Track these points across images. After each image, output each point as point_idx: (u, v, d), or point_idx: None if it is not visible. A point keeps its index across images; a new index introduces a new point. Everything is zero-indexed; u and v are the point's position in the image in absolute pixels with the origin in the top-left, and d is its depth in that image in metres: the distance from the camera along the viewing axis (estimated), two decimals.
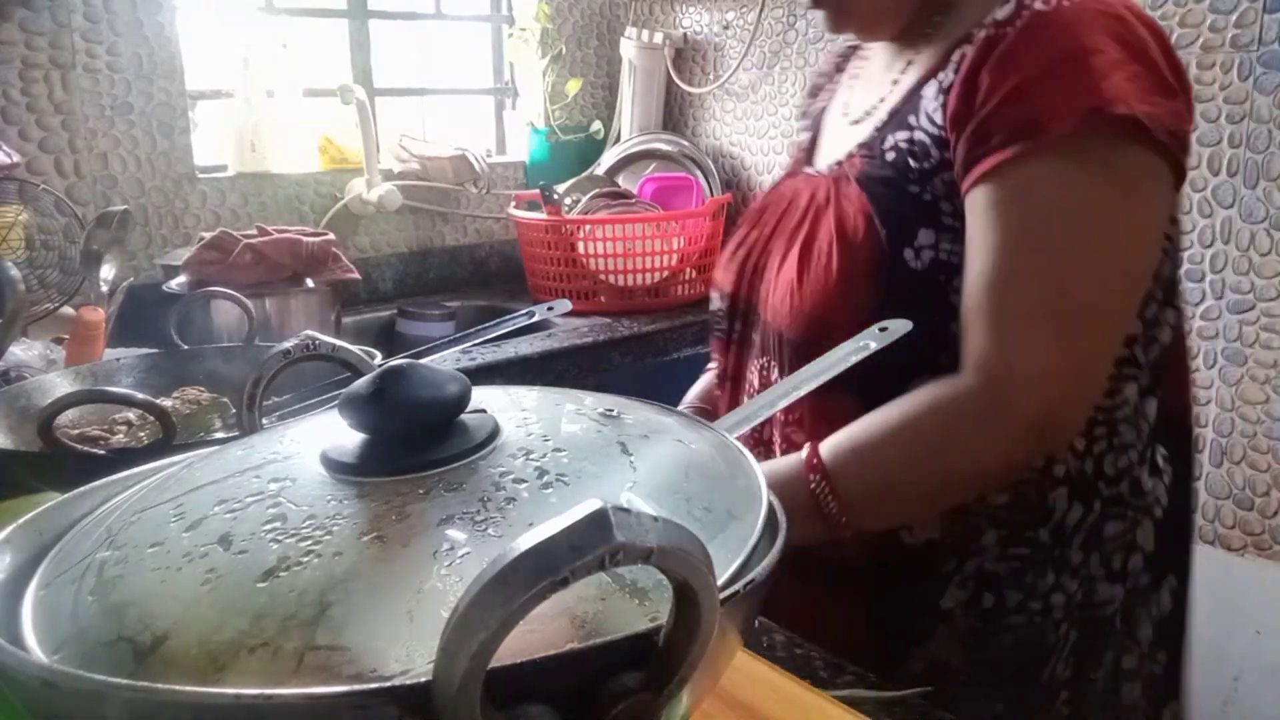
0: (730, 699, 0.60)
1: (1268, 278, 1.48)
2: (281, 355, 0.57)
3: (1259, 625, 1.54)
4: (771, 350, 0.87)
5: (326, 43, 2.15)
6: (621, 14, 2.44)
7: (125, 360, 0.98)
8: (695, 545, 0.27)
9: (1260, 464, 1.53)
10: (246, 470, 0.41)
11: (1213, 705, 1.60)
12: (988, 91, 0.73)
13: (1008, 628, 0.83)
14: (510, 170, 2.35)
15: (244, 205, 1.94)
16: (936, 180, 0.78)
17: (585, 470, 0.39)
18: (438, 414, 0.40)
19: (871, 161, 0.82)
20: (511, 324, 0.93)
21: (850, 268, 0.79)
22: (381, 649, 0.30)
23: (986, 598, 0.83)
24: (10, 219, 1.34)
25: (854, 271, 0.79)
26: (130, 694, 0.28)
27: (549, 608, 0.26)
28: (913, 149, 0.79)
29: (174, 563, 0.35)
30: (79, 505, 0.45)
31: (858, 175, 0.82)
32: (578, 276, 1.93)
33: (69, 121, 1.72)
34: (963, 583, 0.82)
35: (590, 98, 2.45)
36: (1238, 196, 1.50)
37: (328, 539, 0.34)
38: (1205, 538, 1.61)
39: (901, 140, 0.80)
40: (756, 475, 0.43)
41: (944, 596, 0.83)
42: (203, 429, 0.88)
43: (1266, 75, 1.44)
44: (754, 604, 0.36)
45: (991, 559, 0.82)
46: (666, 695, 0.29)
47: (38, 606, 0.36)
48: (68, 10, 1.69)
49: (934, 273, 0.77)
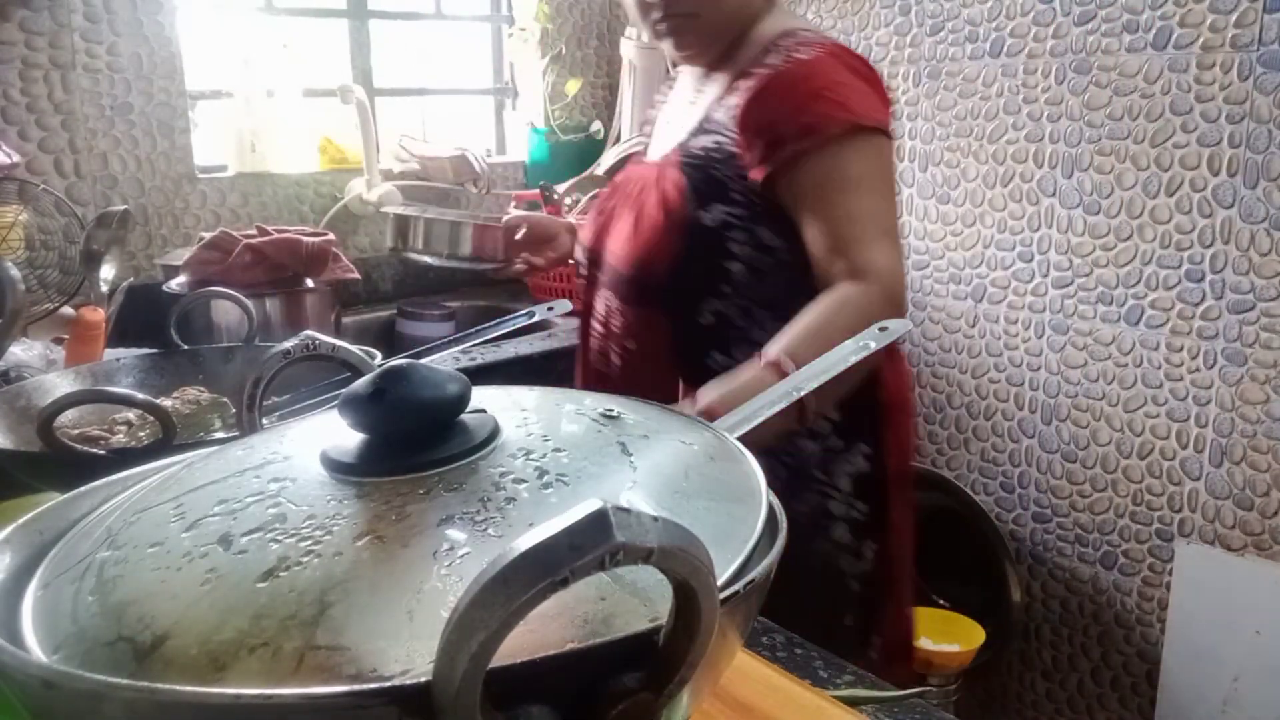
0: (730, 699, 0.60)
1: (1268, 278, 1.48)
2: (281, 355, 0.57)
3: (1259, 625, 1.54)
4: (611, 285, 1.20)
5: (326, 43, 2.14)
6: (621, 14, 2.44)
7: (125, 360, 0.98)
8: (695, 545, 0.27)
9: (1260, 464, 1.53)
10: (246, 470, 0.41)
11: (1213, 705, 1.60)
12: (774, 110, 1.07)
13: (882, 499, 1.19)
14: (510, 170, 2.35)
15: (244, 205, 1.94)
16: (728, 166, 1.11)
17: (585, 470, 0.39)
18: (438, 414, 0.40)
19: (686, 155, 1.15)
20: (511, 324, 0.93)
21: (666, 224, 1.13)
22: (381, 649, 0.30)
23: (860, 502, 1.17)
24: (10, 219, 1.34)
25: (668, 226, 1.13)
26: (130, 694, 0.28)
27: (549, 608, 0.26)
28: (714, 147, 1.12)
29: (174, 563, 0.35)
30: (79, 505, 0.45)
31: (678, 163, 1.15)
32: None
33: (69, 121, 1.72)
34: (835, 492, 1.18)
35: (590, 98, 2.45)
36: (1238, 196, 1.50)
37: (328, 539, 0.34)
38: (1205, 538, 1.61)
39: (708, 142, 1.13)
40: (757, 475, 0.43)
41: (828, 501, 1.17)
42: (203, 429, 0.88)
43: (1266, 75, 1.44)
44: (754, 604, 0.36)
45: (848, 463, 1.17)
46: (666, 695, 0.29)
47: (38, 606, 0.36)
48: (68, 10, 1.69)
49: (719, 230, 1.11)
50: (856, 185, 1.07)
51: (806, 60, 1.08)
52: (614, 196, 1.27)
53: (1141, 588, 1.71)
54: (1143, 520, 1.69)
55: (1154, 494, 1.66)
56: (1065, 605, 1.82)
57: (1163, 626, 1.67)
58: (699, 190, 1.12)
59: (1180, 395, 1.60)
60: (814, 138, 1.05)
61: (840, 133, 1.05)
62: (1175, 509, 1.64)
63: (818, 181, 1.07)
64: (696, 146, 1.14)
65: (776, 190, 1.09)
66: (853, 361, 0.63)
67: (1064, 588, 1.82)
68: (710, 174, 1.12)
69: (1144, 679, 1.72)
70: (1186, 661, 1.63)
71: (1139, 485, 1.68)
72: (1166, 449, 1.64)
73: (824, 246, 1.07)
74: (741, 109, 1.09)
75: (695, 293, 1.13)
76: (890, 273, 1.05)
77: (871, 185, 1.08)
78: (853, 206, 1.07)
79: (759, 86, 1.08)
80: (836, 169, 1.06)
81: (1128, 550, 1.71)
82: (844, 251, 1.06)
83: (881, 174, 1.10)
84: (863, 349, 0.63)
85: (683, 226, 1.12)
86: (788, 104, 1.07)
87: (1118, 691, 1.77)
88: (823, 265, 1.07)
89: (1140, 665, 1.73)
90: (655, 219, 1.14)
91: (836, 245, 1.06)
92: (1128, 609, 1.73)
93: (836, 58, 1.10)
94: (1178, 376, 1.60)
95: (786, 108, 1.06)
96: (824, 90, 1.06)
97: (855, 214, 1.06)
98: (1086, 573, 1.78)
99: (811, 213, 1.08)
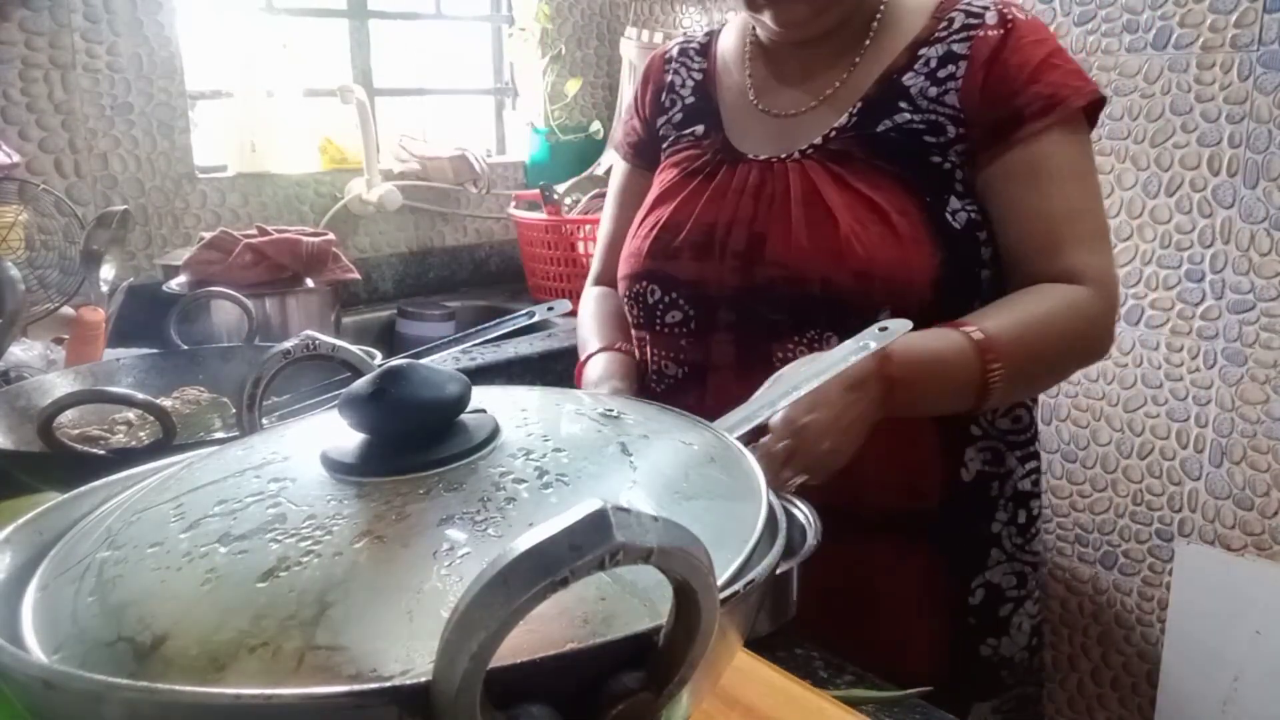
0: (730, 699, 0.60)
1: (1268, 278, 1.48)
2: (281, 355, 0.57)
3: (1259, 625, 1.54)
4: (820, 320, 0.90)
5: (326, 43, 2.14)
6: (621, 14, 2.44)
7: (125, 360, 0.98)
8: (695, 545, 0.27)
9: (1260, 464, 1.53)
10: (246, 470, 0.41)
11: (1213, 705, 1.60)
12: (1011, 77, 0.89)
13: (1037, 534, 1.01)
14: (510, 170, 2.35)
15: (244, 205, 1.94)
16: (952, 151, 0.91)
17: (585, 470, 0.39)
18: (438, 414, 0.40)
19: (875, 140, 0.92)
20: (511, 324, 0.93)
21: (912, 229, 0.89)
22: (381, 649, 0.30)
23: (1020, 514, 0.99)
24: (10, 219, 1.34)
25: (917, 232, 0.89)
26: (130, 694, 0.28)
27: (549, 608, 0.26)
28: (924, 127, 0.92)
29: (174, 563, 0.35)
30: (79, 505, 0.45)
31: (867, 152, 0.92)
32: (578, 276, 1.92)
33: (69, 121, 1.72)
34: (1005, 505, 0.98)
35: (590, 98, 2.45)
36: (1238, 196, 1.50)
37: (328, 539, 0.34)
38: (1205, 538, 1.61)
39: (904, 121, 0.92)
40: (756, 475, 0.43)
41: (993, 521, 0.97)
42: (203, 429, 0.88)
43: (1266, 75, 1.44)
44: (754, 604, 0.36)
45: (1019, 477, 0.99)
46: (666, 695, 0.29)
47: (38, 606, 0.36)
48: (68, 10, 1.69)
49: (971, 230, 0.91)
50: (1080, 173, 0.92)
51: (1026, 21, 0.92)
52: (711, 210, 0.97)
53: (1141, 588, 1.71)
54: (1143, 520, 1.69)
55: (1154, 494, 1.66)
56: (1065, 605, 1.82)
57: (1163, 626, 1.67)
58: (923, 183, 0.91)
59: (1180, 395, 1.60)
60: (1056, 113, 0.89)
61: (1082, 106, 0.90)
62: (1175, 509, 1.64)
63: (1038, 165, 0.90)
64: (886, 129, 0.92)
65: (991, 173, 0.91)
66: (852, 361, 0.63)
67: (1064, 588, 1.82)
68: (931, 159, 0.91)
69: (1144, 679, 1.72)
70: (1186, 661, 1.63)
71: (1139, 485, 1.68)
72: (1166, 449, 1.64)
73: (1036, 245, 0.91)
74: (969, 77, 0.90)
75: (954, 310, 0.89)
76: (1114, 281, 0.92)
77: (1092, 174, 0.93)
78: (1075, 198, 0.91)
79: (987, 50, 0.90)
80: (1062, 151, 0.90)
81: (1128, 550, 1.71)
82: (1061, 251, 0.90)
83: (1093, 163, 0.95)
84: (862, 349, 0.63)
85: (930, 228, 0.89)
86: (1024, 71, 0.89)
87: (1118, 691, 1.77)
88: (1027, 265, 0.91)
89: (1140, 665, 1.73)
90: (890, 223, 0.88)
91: (1052, 243, 0.90)
92: (1128, 609, 1.73)
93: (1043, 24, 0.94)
94: (1178, 376, 1.60)
95: (1023, 76, 0.89)
96: (1055, 57, 0.90)
97: (1078, 207, 0.91)
98: (1086, 573, 1.78)
99: (1022, 202, 0.91)
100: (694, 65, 1.10)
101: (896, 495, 0.93)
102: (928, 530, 0.95)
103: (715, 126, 1.03)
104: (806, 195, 0.92)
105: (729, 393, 0.88)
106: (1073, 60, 0.92)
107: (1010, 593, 0.98)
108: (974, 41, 0.91)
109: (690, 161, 1.02)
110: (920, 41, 0.94)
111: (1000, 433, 0.97)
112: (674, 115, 1.08)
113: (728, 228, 0.95)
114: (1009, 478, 0.98)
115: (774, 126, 0.99)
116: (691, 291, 0.96)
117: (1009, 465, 0.97)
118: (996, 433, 0.97)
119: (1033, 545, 1.00)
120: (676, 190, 1.00)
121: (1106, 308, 0.90)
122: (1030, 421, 1.00)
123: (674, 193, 1.01)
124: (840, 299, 0.88)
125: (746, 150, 0.99)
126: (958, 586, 0.96)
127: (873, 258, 0.87)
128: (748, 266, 0.92)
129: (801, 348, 0.90)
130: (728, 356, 0.95)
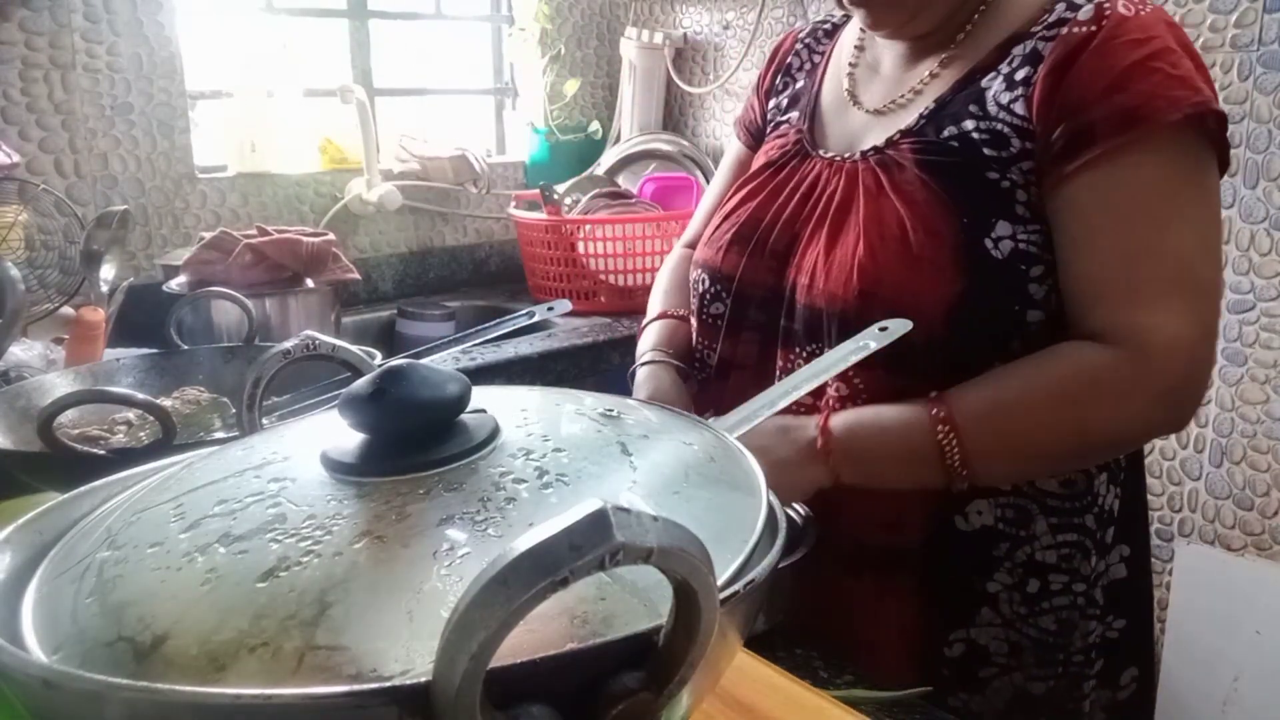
0: (730, 699, 0.60)
1: (1268, 278, 1.48)
2: (281, 355, 0.57)
3: (1259, 625, 1.54)
4: (825, 337, 0.85)
5: (326, 43, 2.14)
6: (621, 14, 2.44)
7: (125, 360, 0.98)
8: (695, 545, 0.27)
9: (1260, 464, 1.53)
10: (246, 470, 0.41)
11: (1213, 705, 1.60)
12: (1086, 84, 0.76)
13: (1050, 609, 0.86)
14: (510, 170, 2.35)
15: (244, 205, 1.94)
16: (1015, 169, 0.79)
17: (585, 470, 0.39)
18: (438, 414, 0.40)
19: (929, 149, 0.83)
20: (511, 324, 0.93)
21: (933, 253, 0.79)
22: (381, 649, 0.30)
23: (1031, 583, 0.85)
24: (10, 219, 1.34)
25: (937, 256, 0.79)
26: (130, 694, 0.28)
27: (549, 608, 0.26)
28: (986, 138, 0.80)
29: (174, 563, 0.35)
30: (79, 505, 0.45)
31: (917, 162, 0.82)
32: (578, 276, 1.92)
33: (69, 121, 1.72)
34: (1011, 569, 0.85)
35: (590, 98, 2.45)
36: (1238, 196, 1.50)
37: (328, 539, 0.34)
38: (1205, 538, 1.61)
39: (969, 129, 0.81)
40: (756, 475, 0.43)
41: (991, 580, 0.85)
42: (203, 429, 0.88)
43: (1266, 75, 1.44)
44: (754, 604, 0.36)
45: (1042, 547, 0.85)
46: (666, 695, 0.29)
47: (38, 606, 0.36)
48: (68, 10, 1.69)
49: (1015, 262, 0.79)
50: (1162, 206, 0.75)
51: (1129, 18, 0.76)
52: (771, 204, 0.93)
53: None
54: None
55: (1154, 494, 1.66)
56: None
57: (1163, 626, 1.67)
58: (970, 202, 0.79)
59: None
60: (1138, 128, 0.74)
61: (1178, 120, 0.74)
62: (1175, 509, 1.64)
63: (1105, 194, 0.75)
64: (949, 135, 0.81)
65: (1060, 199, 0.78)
66: (852, 362, 0.62)
67: None
68: (987, 175, 0.79)
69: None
70: (1186, 661, 1.63)
71: None
72: (1166, 449, 1.64)
73: (1080, 293, 0.77)
74: (1042, 82, 0.77)
75: (977, 349, 0.79)
76: (1179, 354, 0.74)
77: (1185, 207, 0.76)
78: (1144, 237, 0.75)
79: (1066, 50, 0.77)
80: (1139, 177, 0.75)
81: None
82: (1101, 303, 0.76)
83: (1210, 196, 0.78)
84: (861, 349, 0.62)
85: (957, 253, 0.78)
86: (1104, 76, 0.75)
87: None
88: (1076, 315, 0.77)
89: None
90: (909, 241, 0.79)
91: (1095, 293, 0.76)
92: None
93: (1164, 20, 0.78)
94: None
95: (1102, 83, 0.75)
96: (1157, 59, 0.75)
97: (1144, 250, 0.75)
98: None
99: (1079, 239, 0.77)
100: (817, 48, 1.04)
101: (874, 528, 0.85)
102: (908, 570, 0.86)
103: (806, 115, 0.98)
104: (843, 202, 0.86)
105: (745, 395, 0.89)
106: (1187, 66, 0.76)
107: (998, 659, 0.86)
108: (1058, 39, 0.78)
109: (776, 150, 0.98)
110: (1017, 37, 0.82)
111: (1039, 493, 0.84)
112: (782, 99, 1.04)
113: (772, 226, 0.91)
114: (1025, 542, 0.85)
115: (859, 121, 0.92)
116: (732, 286, 0.93)
117: (1035, 530, 0.85)
118: (1034, 492, 0.84)
119: (1041, 621, 0.85)
120: (749, 180, 0.98)
121: (1140, 374, 0.74)
122: (1088, 493, 0.85)
123: (747, 183, 0.98)
124: (844, 316, 0.82)
125: (822, 145, 0.94)
126: (935, 635, 0.87)
127: (880, 279, 0.80)
128: (782, 268, 0.90)
129: (801, 360, 0.87)
130: (750, 357, 0.93)
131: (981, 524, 0.84)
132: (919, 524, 0.85)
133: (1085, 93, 0.76)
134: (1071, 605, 0.86)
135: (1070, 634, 0.87)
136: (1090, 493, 0.86)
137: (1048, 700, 0.87)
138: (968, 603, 0.86)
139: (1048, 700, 0.87)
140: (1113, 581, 0.89)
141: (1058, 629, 0.86)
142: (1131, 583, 0.90)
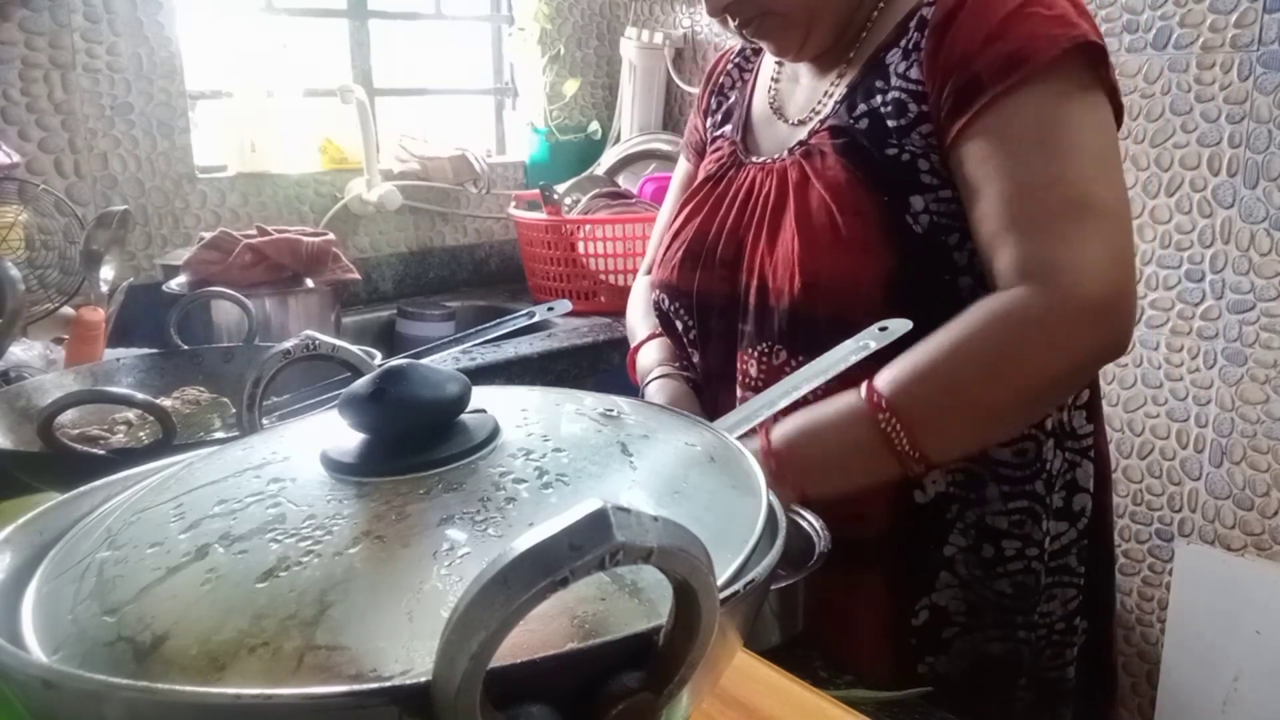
0: (730, 699, 0.60)
1: (1268, 278, 1.48)
2: (281, 355, 0.57)
3: (1259, 625, 1.54)
4: (774, 334, 0.86)
5: (326, 43, 2.14)
6: (621, 14, 2.44)
7: (125, 360, 0.98)
8: (695, 545, 0.27)
9: (1260, 464, 1.53)
10: (246, 470, 0.41)
11: (1213, 705, 1.60)
12: (967, 37, 0.78)
13: (1005, 574, 0.88)
14: (510, 170, 2.35)
15: (244, 205, 1.94)
16: (914, 134, 0.81)
17: (585, 470, 0.39)
18: (438, 414, 0.40)
19: (843, 131, 0.85)
20: (511, 324, 0.93)
21: (860, 232, 0.80)
22: (381, 649, 0.30)
23: (986, 548, 0.87)
24: (10, 219, 1.34)
25: (865, 235, 0.80)
26: (130, 694, 0.28)
27: (549, 608, 0.26)
28: (890, 110, 0.82)
29: (174, 563, 0.35)
30: (79, 505, 0.45)
31: (835, 146, 0.84)
32: (578, 276, 1.92)
33: (69, 121, 1.72)
34: (964, 530, 0.87)
35: (590, 98, 2.45)
36: (1238, 196, 1.50)
37: (328, 539, 0.34)
38: (1205, 538, 1.61)
39: (876, 105, 0.83)
40: (756, 475, 0.43)
41: (946, 544, 0.87)
42: (203, 429, 0.88)
43: (1266, 75, 1.44)
44: (754, 604, 0.36)
45: (992, 512, 0.87)
46: (666, 695, 0.29)
47: (38, 606, 0.36)
48: (68, 10, 1.69)
49: (934, 234, 0.81)
50: (1051, 136, 0.75)
51: None
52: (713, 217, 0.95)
53: (1141, 588, 1.71)
54: (1143, 520, 1.69)
55: (1154, 494, 1.66)
56: None
57: (1163, 627, 1.67)
58: (882, 180, 0.81)
59: (1180, 395, 1.60)
60: (1021, 70, 0.75)
61: (1057, 56, 0.75)
62: (1175, 509, 1.64)
63: (1005, 132, 0.76)
64: (859, 114, 0.84)
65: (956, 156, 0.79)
66: (853, 361, 0.62)
67: None
68: (887, 152, 0.81)
69: (1144, 679, 1.72)
70: (1186, 661, 1.63)
71: (1139, 485, 1.68)
72: (1166, 449, 1.64)
73: (991, 227, 0.76)
74: (926, 42, 0.80)
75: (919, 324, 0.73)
76: (1091, 273, 0.73)
77: (1072, 133, 0.76)
78: (1051, 167, 0.75)
79: (946, 10, 0.79)
80: (1024, 115, 0.75)
81: (1128, 550, 1.71)
82: (1005, 243, 0.75)
83: (1101, 124, 0.78)
84: (861, 349, 0.62)
85: (885, 231, 0.80)
86: (983, 28, 0.77)
87: (1118, 691, 1.77)
88: (988, 264, 0.78)
89: (1140, 665, 1.73)
90: (837, 226, 0.81)
91: (1010, 224, 0.75)
92: (1128, 609, 1.73)
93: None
94: (1178, 376, 1.60)
95: (981, 34, 0.77)
96: (1030, 6, 0.76)
97: (1038, 181, 0.75)
98: None
99: (978, 187, 0.77)
100: (746, 66, 1.07)
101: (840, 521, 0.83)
102: (876, 555, 0.87)
103: (739, 127, 1.00)
104: (777, 202, 0.87)
105: (725, 404, 0.89)
106: (1063, 5, 0.77)
107: (958, 619, 0.88)
108: (938, 2, 0.80)
109: (714, 164, 1.01)
110: (912, 12, 0.84)
111: (990, 461, 0.86)
112: (717, 116, 1.07)
113: (719, 237, 0.93)
114: (976, 505, 0.87)
115: (785, 131, 0.95)
116: (690, 301, 0.96)
117: (987, 495, 0.86)
118: (985, 460, 0.86)
119: (997, 585, 0.87)
120: (692, 196, 1.01)
121: (1054, 303, 0.73)
122: (1037, 460, 0.87)
123: (690, 199, 1.01)
124: (793, 311, 0.83)
125: (754, 152, 0.97)
126: (904, 608, 0.88)
127: (818, 269, 0.81)
128: (733, 275, 0.91)
129: (758, 361, 0.88)
130: (720, 366, 0.95)
131: (936, 492, 0.86)
132: (884, 511, 0.86)
133: (968, 46, 0.77)
134: (1026, 570, 0.87)
135: (1028, 598, 0.88)
136: (1039, 459, 0.87)
137: (1008, 661, 0.89)
138: (929, 569, 0.87)
139: (1008, 661, 0.89)
140: (1066, 545, 0.91)
141: (1014, 592, 0.88)
142: (1091, 548, 0.92)
